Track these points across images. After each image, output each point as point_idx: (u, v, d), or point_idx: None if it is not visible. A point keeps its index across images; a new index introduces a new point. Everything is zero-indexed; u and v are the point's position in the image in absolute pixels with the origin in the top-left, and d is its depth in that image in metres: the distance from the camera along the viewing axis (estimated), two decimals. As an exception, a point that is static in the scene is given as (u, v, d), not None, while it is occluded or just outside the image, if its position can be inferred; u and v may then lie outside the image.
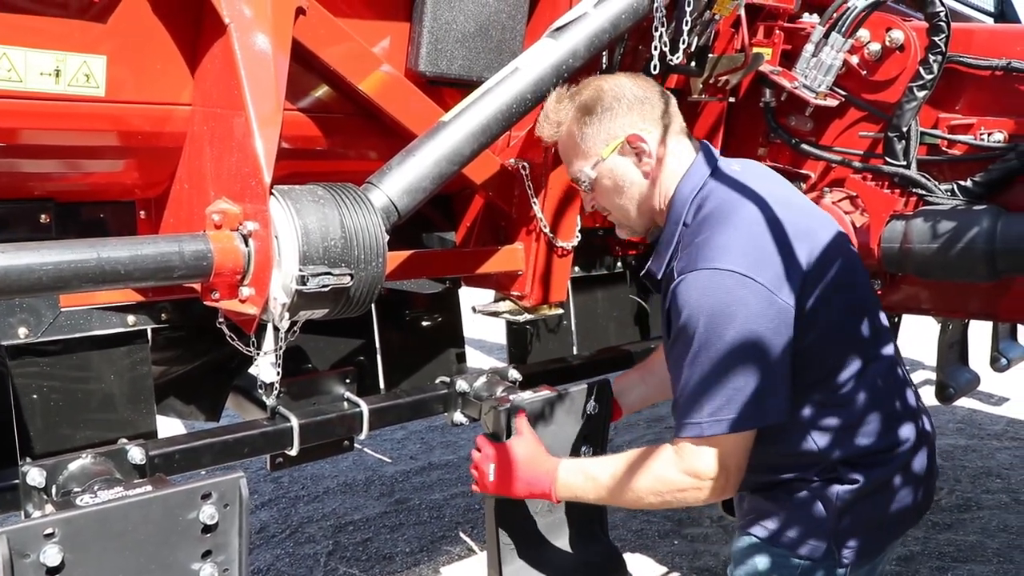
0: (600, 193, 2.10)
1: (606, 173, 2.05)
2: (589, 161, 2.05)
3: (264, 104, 1.78)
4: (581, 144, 2.05)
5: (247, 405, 2.53)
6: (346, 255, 1.76)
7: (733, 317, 1.78)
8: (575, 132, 2.06)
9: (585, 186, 2.10)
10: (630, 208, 2.08)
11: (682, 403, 1.88)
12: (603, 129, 2.02)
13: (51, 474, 1.84)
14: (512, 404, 2.22)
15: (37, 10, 1.73)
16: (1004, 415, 6.96)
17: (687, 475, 1.87)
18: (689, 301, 1.82)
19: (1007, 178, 2.63)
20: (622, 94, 2.02)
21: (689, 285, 1.83)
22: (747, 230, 1.87)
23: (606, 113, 2.01)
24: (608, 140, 2.02)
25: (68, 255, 1.57)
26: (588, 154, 2.05)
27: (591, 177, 2.06)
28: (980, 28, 3.23)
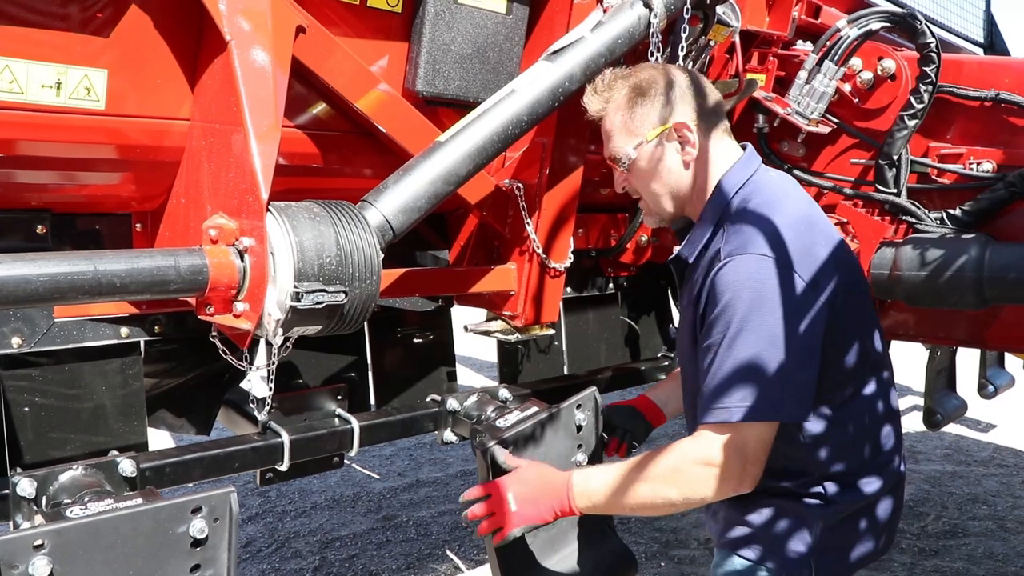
0: (636, 175, 2.06)
1: (647, 156, 2.02)
2: (633, 141, 2.02)
3: (263, 120, 1.79)
4: (628, 122, 2.03)
5: (238, 419, 2.53)
6: (341, 272, 1.77)
7: (777, 306, 1.78)
8: (624, 109, 2.03)
9: (622, 165, 2.06)
10: (663, 195, 2.05)
11: (712, 386, 1.82)
12: (653, 112, 2.00)
13: (41, 485, 1.84)
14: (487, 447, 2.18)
15: (40, 23, 1.75)
16: (991, 442, 6.98)
17: (707, 464, 1.81)
18: (735, 282, 1.81)
19: (995, 207, 2.66)
20: (677, 83, 2.02)
21: (738, 267, 1.82)
22: (794, 227, 1.88)
23: (659, 97, 2.00)
24: (656, 124, 2.00)
25: (65, 267, 1.58)
26: (633, 133, 2.02)
27: (631, 157, 2.03)
28: (970, 59, 3.28)
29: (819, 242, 1.90)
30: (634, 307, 3.60)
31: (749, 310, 1.79)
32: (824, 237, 1.94)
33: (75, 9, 1.78)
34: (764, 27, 2.98)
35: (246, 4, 1.85)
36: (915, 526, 5.22)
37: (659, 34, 2.27)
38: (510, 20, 2.39)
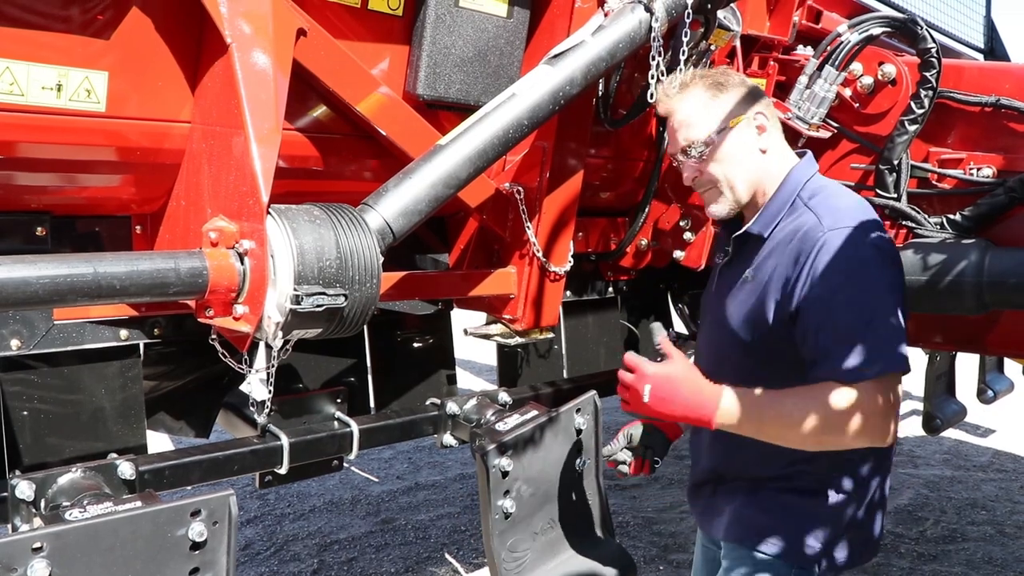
0: (716, 161, 2.10)
1: (731, 140, 2.09)
2: (717, 125, 2.10)
3: (263, 123, 1.79)
4: (710, 110, 2.11)
5: (237, 422, 2.53)
6: (341, 276, 1.77)
7: (894, 269, 1.97)
8: (705, 98, 2.12)
9: (697, 153, 2.11)
10: (741, 180, 2.11)
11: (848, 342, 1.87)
12: (733, 102, 2.11)
13: (40, 487, 1.84)
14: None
15: (40, 25, 1.75)
16: (990, 447, 6.98)
17: (871, 413, 1.85)
18: (853, 249, 1.91)
19: (995, 213, 2.66)
20: (748, 82, 2.17)
21: (854, 234, 1.93)
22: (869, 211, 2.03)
23: (737, 91, 2.12)
24: (737, 113, 2.10)
25: (65, 269, 1.58)
26: (717, 119, 2.10)
27: (714, 141, 2.09)
28: (970, 64, 3.28)
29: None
30: (634, 311, 3.60)
31: (873, 271, 1.91)
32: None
33: (76, 11, 1.78)
34: (765, 32, 2.99)
35: (247, 7, 1.85)
36: (914, 531, 5.22)
37: (660, 38, 2.27)
38: (511, 24, 2.39)
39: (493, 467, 2.20)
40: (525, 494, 2.26)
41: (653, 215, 3.15)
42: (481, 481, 2.24)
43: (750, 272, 2.10)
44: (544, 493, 2.31)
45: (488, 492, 2.20)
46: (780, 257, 2.01)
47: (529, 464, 2.27)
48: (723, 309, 2.14)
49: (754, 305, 2.05)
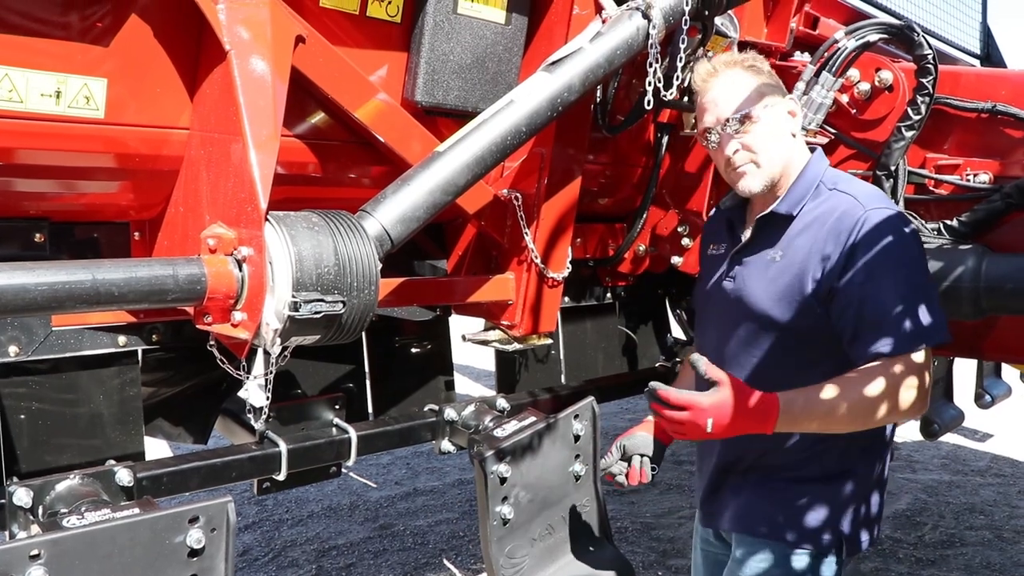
0: (757, 134, 2.15)
1: (772, 118, 2.16)
2: (763, 101, 2.15)
3: (262, 130, 1.80)
4: (755, 87, 2.16)
5: (235, 429, 2.53)
6: (339, 282, 1.77)
7: (923, 252, 2.06)
8: (748, 77, 2.18)
9: (736, 125, 2.14)
10: (777, 155, 2.17)
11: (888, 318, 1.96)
12: (772, 85, 2.19)
13: (38, 494, 1.84)
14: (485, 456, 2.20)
15: (39, 32, 1.75)
16: (988, 451, 6.98)
17: (913, 386, 1.95)
18: (893, 228, 2.01)
19: (992, 219, 2.66)
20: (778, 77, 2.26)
21: (890, 215, 2.03)
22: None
23: (772, 76, 2.22)
24: (776, 94, 2.18)
25: (63, 276, 1.58)
26: (764, 94, 2.16)
27: (759, 115, 2.14)
28: (967, 71, 3.28)
29: None
30: (632, 317, 3.60)
31: (912, 250, 2.02)
32: None
33: (75, 18, 1.79)
34: (762, 38, 2.99)
35: (246, 14, 1.86)
36: (912, 536, 5.22)
37: (658, 45, 2.28)
38: (509, 30, 2.40)
39: (491, 473, 2.20)
40: (523, 500, 2.26)
41: (651, 221, 3.15)
42: (479, 487, 2.24)
43: (777, 252, 2.14)
44: (542, 499, 2.31)
45: (486, 498, 2.20)
46: (816, 235, 2.07)
47: (527, 470, 2.27)
48: (745, 293, 2.17)
49: (789, 283, 2.09)
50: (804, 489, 2.12)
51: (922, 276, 2.03)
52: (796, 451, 2.11)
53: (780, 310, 2.10)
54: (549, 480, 2.32)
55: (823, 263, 2.04)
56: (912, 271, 2.01)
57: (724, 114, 2.15)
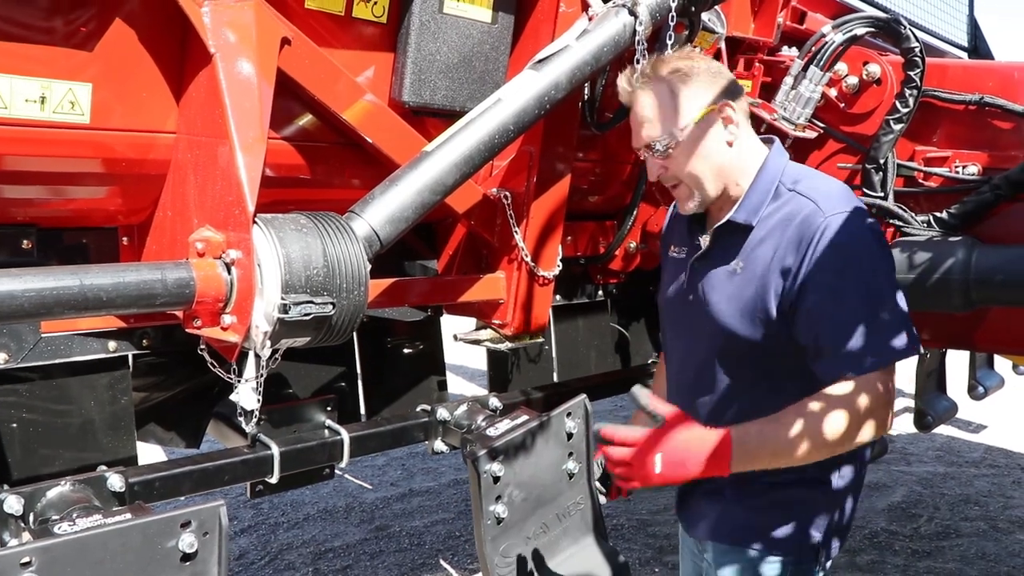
0: (679, 157, 2.02)
1: (694, 136, 2.00)
2: (678, 122, 1.99)
3: (248, 132, 1.79)
4: (673, 104, 2.00)
5: (228, 432, 2.52)
6: (328, 284, 1.77)
7: (886, 255, 1.95)
8: (666, 92, 2.01)
9: (661, 149, 2.02)
10: (707, 174, 2.02)
11: (853, 335, 1.85)
12: (698, 93, 2.00)
13: (29, 501, 1.83)
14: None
15: (23, 37, 1.74)
16: (982, 443, 7.00)
17: (870, 409, 1.85)
18: (852, 236, 1.88)
19: (981, 210, 2.67)
20: (718, 70, 2.06)
21: (853, 218, 1.90)
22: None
23: (701, 79, 2.01)
24: (701, 105, 2.00)
25: (50, 282, 1.57)
26: (679, 115, 2.00)
27: (676, 139, 2.00)
28: (954, 63, 3.29)
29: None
30: (624, 314, 3.60)
31: (874, 260, 1.90)
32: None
33: (58, 23, 1.78)
34: (749, 33, 3.00)
35: (230, 16, 1.85)
36: (908, 528, 5.23)
37: (644, 41, 2.28)
38: (496, 29, 2.39)
39: (484, 472, 2.19)
40: (517, 499, 2.26)
41: (641, 218, 3.15)
42: (473, 487, 2.24)
43: (738, 263, 2.02)
44: (536, 498, 2.31)
45: (480, 498, 2.20)
46: (776, 244, 1.95)
47: (520, 469, 2.27)
48: (707, 307, 2.05)
49: (752, 297, 1.97)
50: (781, 495, 2.02)
51: (885, 287, 1.90)
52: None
53: (744, 326, 1.99)
54: (543, 478, 2.32)
55: (784, 276, 1.92)
56: (874, 284, 1.89)
57: (645, 139, 2.04)
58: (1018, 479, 6.12)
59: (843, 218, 1.89)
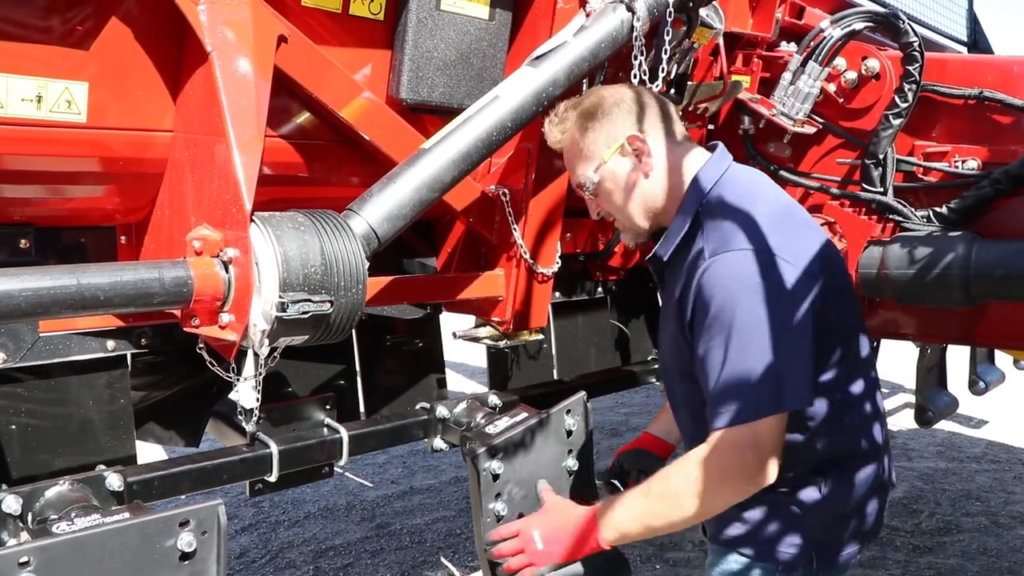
0: (603, 197, 2.07)
1: (608, 175, 2.03)
2: (592, 164, 2.04)
3: (245, 131, 1.79)
4: (584, 148, 2.04)
5: (227, 431, 2.52)
6: (326, 282, 1.77)
7: (767, 297, 1.78)
8: (578, 137, 2.05)
9: (589, 191, 2.07)
10: (633, 209, 2.05)
11: (718, 389, 1.82)
12: (604, 132, 2.02)
13: (27, 501, 1.83)
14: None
15: (19, 36, 1.74)
16: (983, 438, 7.00)
17: (728, 467, 1.82)
18: (724, 282, 1.82)
19: (981, 205, 2.66)
20: (621, 99, 2.04)
21: (723, 265, 1.83)
22: (773, 216, 1.90)
23: (606, 117, 2.02)
24: (609, 143, 2.01)
25: (48, 281, 1.57)
26: (591, 157, 2.04)
27: (594, 181, 2.04)
28: (953, 58, 3.29)
29: (802, 230, 1.94)
30: (623, 310, 3.60)
31: (742, 307, 1.79)
32: (807, 226, 1.98)
33: (55, 22, 1.77)
34: (748, 29, 2.99)
35: (227, 14, 1.84)
36: (909, 523, 5.23)
37: (642, 37, 2.27)
38: (493, 26, 2.39)
39: (484, 470, 2.19)
40: (517, 496, 2.25)
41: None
42: (472, 484, 2.23)
43: (667, 299, 2.06)
44: (536, 495, 2.31)
45: (479, 495, 2.20)
46: (683, 283, 1.94)
47: (520, 466, 2.27)
48: (662, 340, 2.13)
49: (675, 336, 2.00)
50: (774, 503, 1.99)
51: (752, 340, 1.77)
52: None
53: (680, 363, 2.01)
54: (543, 476, 2.31)
55: (684, 316, 1.92)
56: (747, 335, 1.78)
57: (573, 182, 2.12)
58: (1019, 474, 6.12)
59: (721, 263, 1.83)
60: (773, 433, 1.81)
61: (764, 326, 1.77)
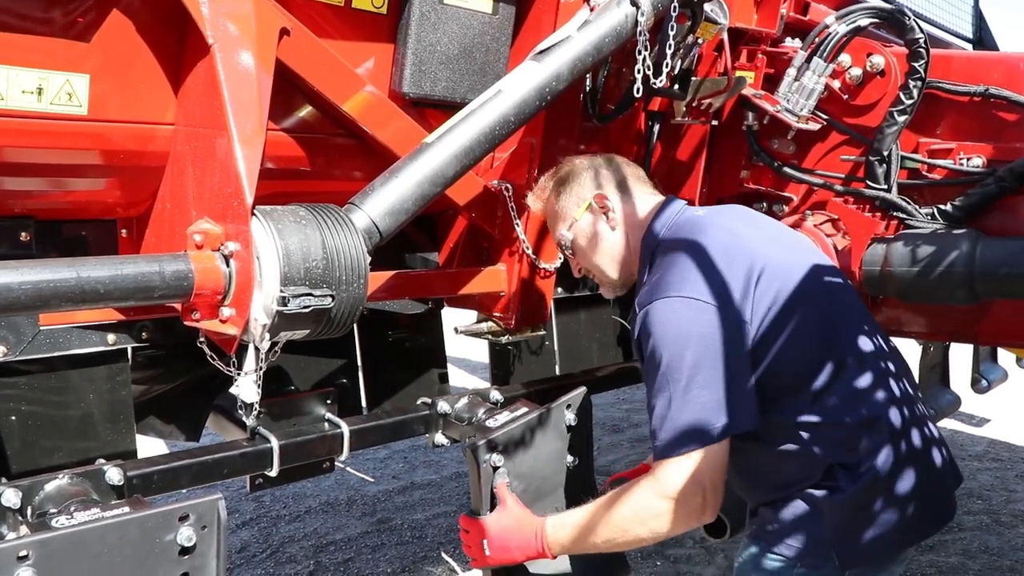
0: (580, 254, 2.28)
1: (581, 233, 2.24)
2: (566, 223, 2.25)
3: (247, 124, 1.78)
4: (559, 210, 2.27)
5: (227, 425, 2.52)
6: (327, 276, 1.76)
7: (688, 338, 1.90)
8: (554, 201, 2.28)
9: (567, 249, 2.29)
10: (606, 263, 2.25)
11: (655, 426, 1.94)
12: (574, 194, 2.25)
13: (27, 495, 1.82)
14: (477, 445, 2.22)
15: (20, 28, 1.73)
16: (985, 436, 6.99)
17: (665, 497, 1.90)
18: (648, 330, 1.95)
19: (986, 202, 2.65)
20: (590, 164, 2.28)
21: (647, 316, 1.96)
22: (694, 258, 2.00)
23: (576, 180, 2.25)
24: (579, 203, 2.23)
25: (47, 274, 1.56)
26: (565, 218, 2.26)
27: (569, 239, 2.25)
28: (959, 54, 3.27)
29: (736, 264, 1.98)
30: (626, 307, 3.58)
31: (667, 351, 1.91)
32: (744, 251, 2.02)
33: (56, 14, 1.77)
34: (752, 24, 2.97)
35: (229, 7, 1.84)
36: (910, 522, 5.21)
37: (646, 32, 2.26)
38: (496, 20, 2.38)
39: (484, 463, 2.19)
40: (516, 490, 2.24)
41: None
42: (472, 478, 2.23)
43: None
44: (536, 489, 2.30)
45: (479, 489, 2.19)
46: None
47: (520, 460, 2.26)
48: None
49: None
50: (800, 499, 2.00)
51: (677, 377, 1.89)
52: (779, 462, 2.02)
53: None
54: (542, 470, 2.31)
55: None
56: (675, 373, 1.89)
57: (556, 243, 2.33)
58: (1021, 473, 6.11)
59: (647, 313, 1.96)
60: (711, 465, 1.89)
61: (689, 365, 1.89)
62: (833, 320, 2.06)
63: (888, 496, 2.02)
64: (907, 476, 2.04)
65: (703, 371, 1.89)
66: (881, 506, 2.02)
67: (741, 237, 2.08)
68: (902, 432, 2.06)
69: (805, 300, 2.02)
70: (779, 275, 2.02)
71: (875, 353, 2.10)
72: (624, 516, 1.95)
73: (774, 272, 2.01)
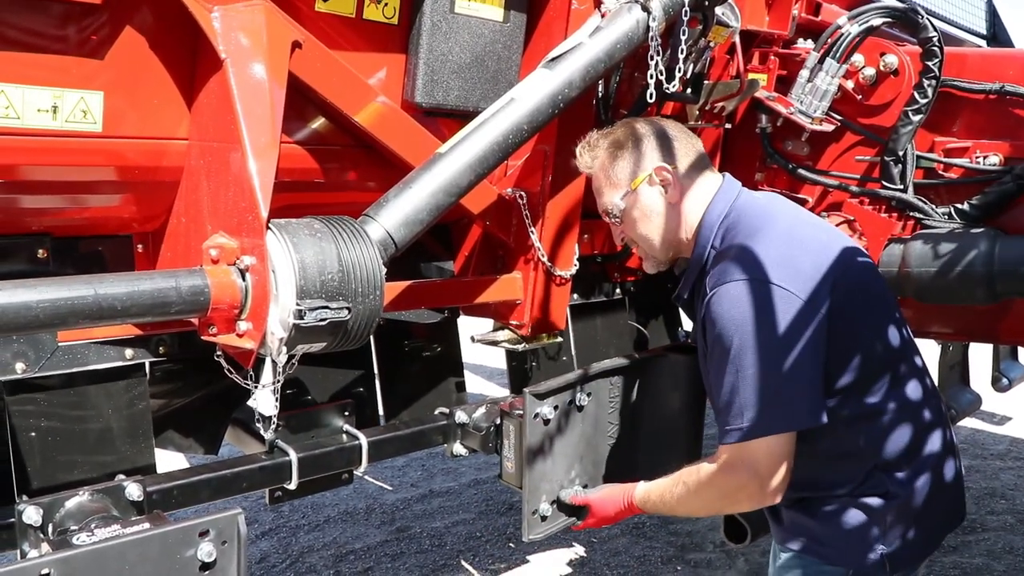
0: (628, 224, 2.17)
1: (634, 204, 2.13)
2: (619, 192, 2.14)
3: (260, 137, 1.78)
4: (612, 176, 2.15)
5: (246, 438, 2.52)
6: (343, 288, 1.76)
7: (763, 324, 1.87)
8: (607, 165, 2.15)
9: (615, 218, 2.18)
10: (655, 238, 2.15)
11: (721, 410, 1.94)
12: (632, 162, 2.12)
13: (48, 512, 1.83)
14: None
15: (34, 47, 1.74)
16: (1007, 435, 6.93)
17: (724, 483, 1.96)
18: (722, 313, 1.91)
19: (1004, 201, 2.63)
20: (651, 131, 2.15)
21: (721, 297, 1.92)
22: (775, 243, 1.96)
23: (635, 148, 2.13)
24: (637, 172, 2.12)
25: (65, 292, 1.57)
26: (618, 185, 2.14)
27: (620, 208, 2.14)
28: (973, 52, 3.26)
29: (802, 254, 1.96)
30: (642, 311, 3.58)
31: (740, 336, 1.88)
32: (810, 248, 1.99)
33: (69, 32, 1.77)
34: (764, 26, 2.96)
35: (241, 21, 1.84)
36: (933, 523, 5.17)
37: (658, 37, 2.25)
38: (508, 28, 2.38)
39: (535, 416, 2.29)
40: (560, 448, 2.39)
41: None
42: (516, 429, 2.36)
43: (695, 331, 2.17)
44: (584, 448, 2.48)
45: (524, 437, 2.31)
46: (699, 321, 2.07)
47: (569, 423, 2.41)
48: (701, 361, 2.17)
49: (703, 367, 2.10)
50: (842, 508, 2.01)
51: (751, 363, 1.87)
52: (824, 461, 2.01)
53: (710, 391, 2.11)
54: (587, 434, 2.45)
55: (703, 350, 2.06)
56: (742, 363, 1.87)
57: (599, 209, 2.21)
58: (1044, 471, 6.07)
59: (719, 295, 1.93)
60: (771, 454, 1.89)
61: (759, 353, 1.87)
62: (892, 324, 2.07)
63: (927, 503, 2.04)
64: (940, 474, 2.08)
65: (774, 359, 1.87)
66: (921, 505, 2.04)
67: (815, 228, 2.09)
68: (932, 431, 2.08)
69: (871, 301, 2.04)
70: (853, 271, 2.01)
71: (920, 362, 2.12)
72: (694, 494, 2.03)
73: (850, 267, 2.00)
